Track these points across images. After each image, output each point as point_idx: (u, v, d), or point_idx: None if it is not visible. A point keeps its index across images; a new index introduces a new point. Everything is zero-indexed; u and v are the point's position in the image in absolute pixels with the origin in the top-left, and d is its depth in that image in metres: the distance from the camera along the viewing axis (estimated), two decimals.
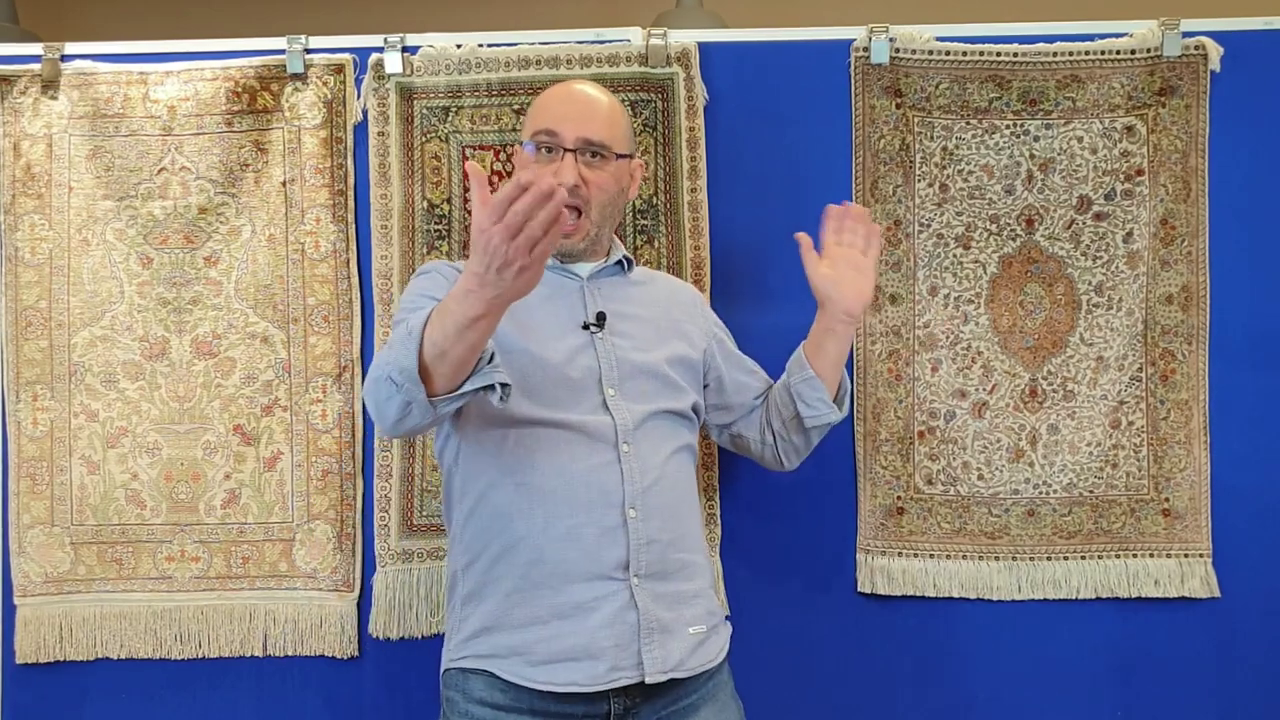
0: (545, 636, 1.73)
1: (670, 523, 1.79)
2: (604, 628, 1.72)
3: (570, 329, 1.84)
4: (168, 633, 2.31)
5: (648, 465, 1.78)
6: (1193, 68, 2.26)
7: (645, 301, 1.95)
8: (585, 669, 1.72)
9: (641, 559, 1.75)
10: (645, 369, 1.85)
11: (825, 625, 2.29)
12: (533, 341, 1.79)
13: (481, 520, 1.80)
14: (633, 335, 1.87)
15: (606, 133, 1.84)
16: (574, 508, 1.74)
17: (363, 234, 2.32)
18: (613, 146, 1.84)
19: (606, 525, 1.74)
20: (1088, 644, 2.30)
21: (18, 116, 2.32)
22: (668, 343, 1.91)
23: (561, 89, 1.90)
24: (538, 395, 1.77)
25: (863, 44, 2.28)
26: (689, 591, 1.80)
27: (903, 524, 2.30)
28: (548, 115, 1.84)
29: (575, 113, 1.83)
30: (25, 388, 2.32)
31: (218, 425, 2.31)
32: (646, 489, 1.77)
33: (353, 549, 2.32)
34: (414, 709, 2.32)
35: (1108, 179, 2.28)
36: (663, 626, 1.75)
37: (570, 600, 1.73)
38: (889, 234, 2.30)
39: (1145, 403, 2.29)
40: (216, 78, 2.31)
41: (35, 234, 2.32)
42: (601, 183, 1.84)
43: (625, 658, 1.72)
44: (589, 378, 1.80)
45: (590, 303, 1.88)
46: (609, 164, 1.84)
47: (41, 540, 2.32)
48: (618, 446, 1.77)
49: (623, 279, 1.96)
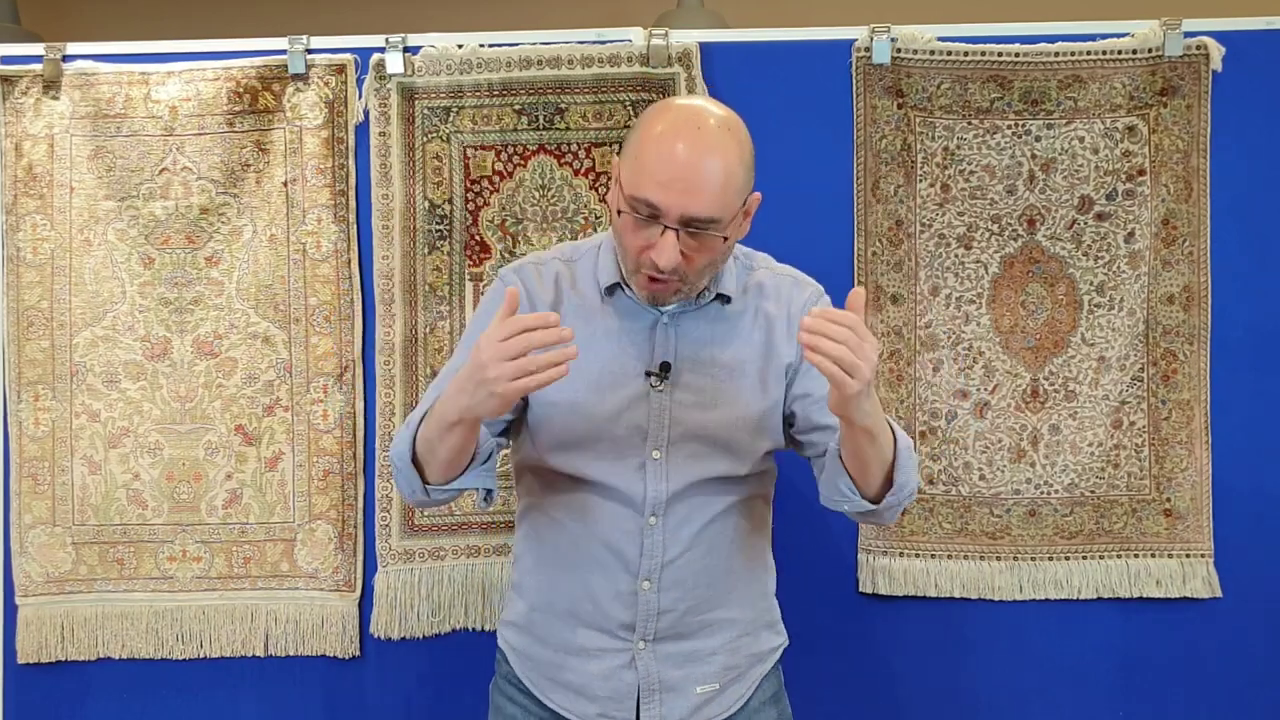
0: (554, 661, 1.75)
1: (696, 590, 1.71)
2: (601, 679, 1.72)
3: (630, 375, 1.67)
4: (169, 633, 2.31)
5: (675, 539, 1.68)
6: (1194, 68, 2.26)
7: (733, 340, 1.70)
8: (580, 705, 1.73)
9: (650, 627, 1.70)
10: (702, 432, 1.68)
11: (827, 625, 2.29)
12: (584, 389, 1.66)
13: (527, 527, 1.80)
14: (702, 389, 1.68)
15: (717, 207, 1.56)
16: (591, 565, 1.71)
17: (364, 234, 2.32)
18: (723, 219, 1.57)
19: (618, 590, 1.70)
20: (1089, 644, 2.30)
21: (19, 117, 2.32)
22: (744, 395, 1.69)
23: (671, 146, 1.56)
24: (577, 448, 1.69)
25: (864, 44, 2.28)
26: (706, 649, 1.73)
27: (904, 524, 2.30)
28: (651, 183, 1.55)
29: (681, 186, 1.54)
30: (27, 388, 2.32)
31: (219, 425, 2.31)
32: (669, 563, 1.68)
33: (354, 549, 2.32)
34: (415, 709, 2.32)
35: (1109, 179, 2.28)
36: (667, 686, 1.72)
37: (576, 642, 1.73)
38: (890, 234, 2.30)
39: (1147, 403, 2.29)
40: (218, 78, 2.31)
41: (37, 234, 2.32)
42: (702, 260, 1.60)
43: (619, 710, 1.72)
44: (635, 436, 1.67)
45: (661, 346, 1.68)
46: (714, 239, 1.59)
47: (43, 540, 2.32)
48: (644, 517, 1.68)
49: (715, 311, 1.71)
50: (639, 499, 1.68)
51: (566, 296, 1.72)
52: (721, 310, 1.71)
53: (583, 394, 1.67)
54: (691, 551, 1.69)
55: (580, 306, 1.71)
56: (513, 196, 2.30)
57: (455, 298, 2.31)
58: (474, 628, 2.30)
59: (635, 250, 1.60)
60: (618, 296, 1.71)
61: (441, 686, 2.31)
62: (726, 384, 1.69)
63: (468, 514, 2.31)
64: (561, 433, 1.69)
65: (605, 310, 1.71)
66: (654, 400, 1.67)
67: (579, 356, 1.54)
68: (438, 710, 2.32)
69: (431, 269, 2.31)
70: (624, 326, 1.69)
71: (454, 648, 2.29)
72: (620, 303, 1.70)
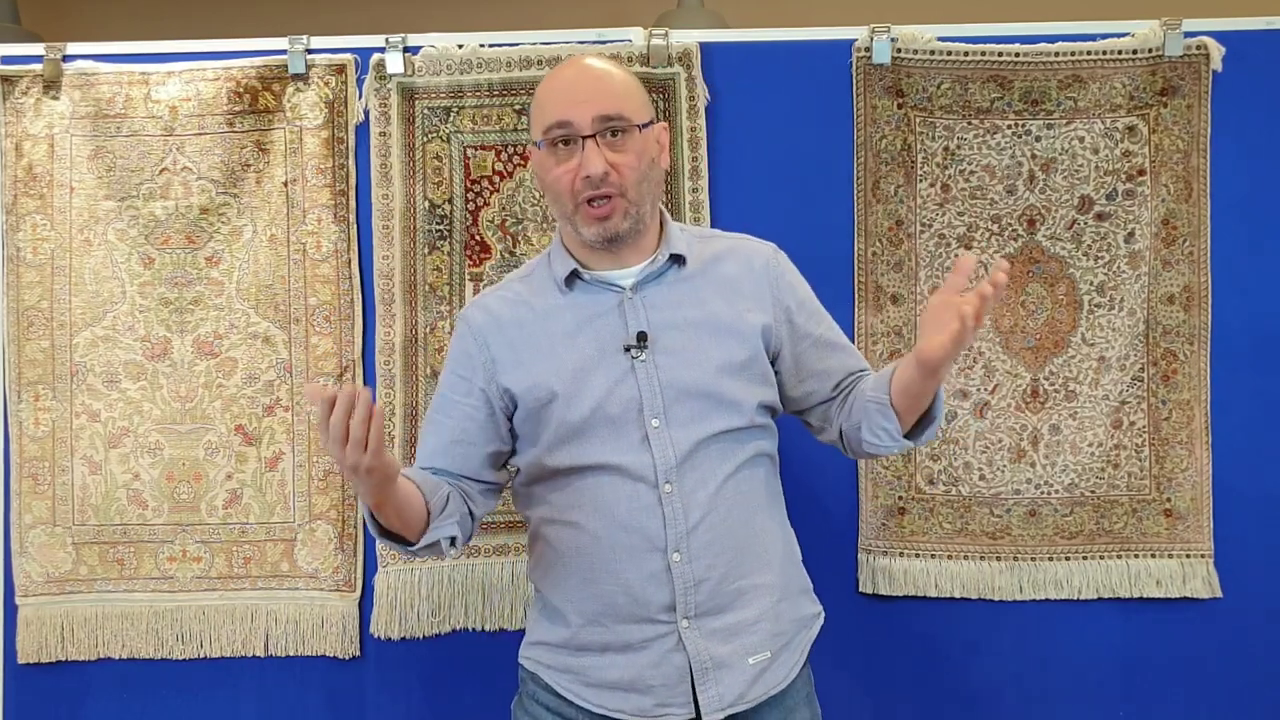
0: (600, 664, 1.73)
1: (724, 555, 1.70)
2: (651, 667, 1.71)
3: (610, 355, 1.71)
4: (169, 633, 2.31)
5: (693, 502, 1.69)
6: (1194, 68, 2.26)
7: (700, 298, 1.76)
8: (633, 701, 1.72)
9: (690, 601, 1.69)
10: (694, 390, 1.71)
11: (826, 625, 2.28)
12: (569, 382, 1.71)
13: (542, 543, 1.80)
14: (680, 349, 1.72)
15: (624, 104, 1.68)
16: (617, 553, 1.70)
17: (364, 234, 2.32)
18: (633, 118, 1.68)
19: (651, 570, 1.69)
20: (1090, 644, 2.30)
21: (20, 117, 2.32)
22: (723, 345, 1.74)
23: (563, 72, 1.73)
24: (576, 438, 1.71)
25: (864, 44, 2.28)
26: (749, 619, 1.72)
27: (904, 524, 2.30)
28: (555, 104, 1.68)
29: (585, 93, 1.67)
30: (27, 388, 2.32)
31: (219, 425, 2.31)
32: (693, 529, 1.69)
33: (354, 549, 2.32)
34: (415, 709, 2.32)
35: (1109, 179, 2.28)
36: (719, 662, 1.70)
37: (620, 639, 1.72)
38: (890, 234, 2.30)
39: (1147, 403, 2.29)
40: (218, 78, 2.31)
41: (37, 234, 2.32)
42: (629, 162, 1.68)
43: (675, 695, 1.70)
44: (630, 410, 1.70)
45: (631, 319, 1.73)
46: (633, 138, 1.68)
47: (43, 540, 2.32)
48: (659, 487, 1.69)
49: (674, 277, 1.77)
50: (649, 470, 1.69)
51: (530, 306, 1.78)
52: (680, 273, 1.77)
53: (569, 386, 1.71)
54: (713, 515, 1.70)
55: (545, 310, 1.77)
56: (513, 196, 2.30)
57: (455, 298, 2.31)
58: (474, 628, 2.30)
59: (566, 183, 1.68)
60: (578, 287, 1.76)
61: (441, 686, 2.31)
62: (704, 339, 1.73)
63: None
64: (558, 428, 1.71)
65: (570, 303, 1.76)
66: (640, 371, 1.71)
67: (557, 354, 1.69)
68: (438, 710, 2.32)
69: (432, 269, 2.31)
70: (591, 312, 1.74)
71: (454, 648, 2.29)
72: (582, 292, 1.76)
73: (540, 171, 1.74)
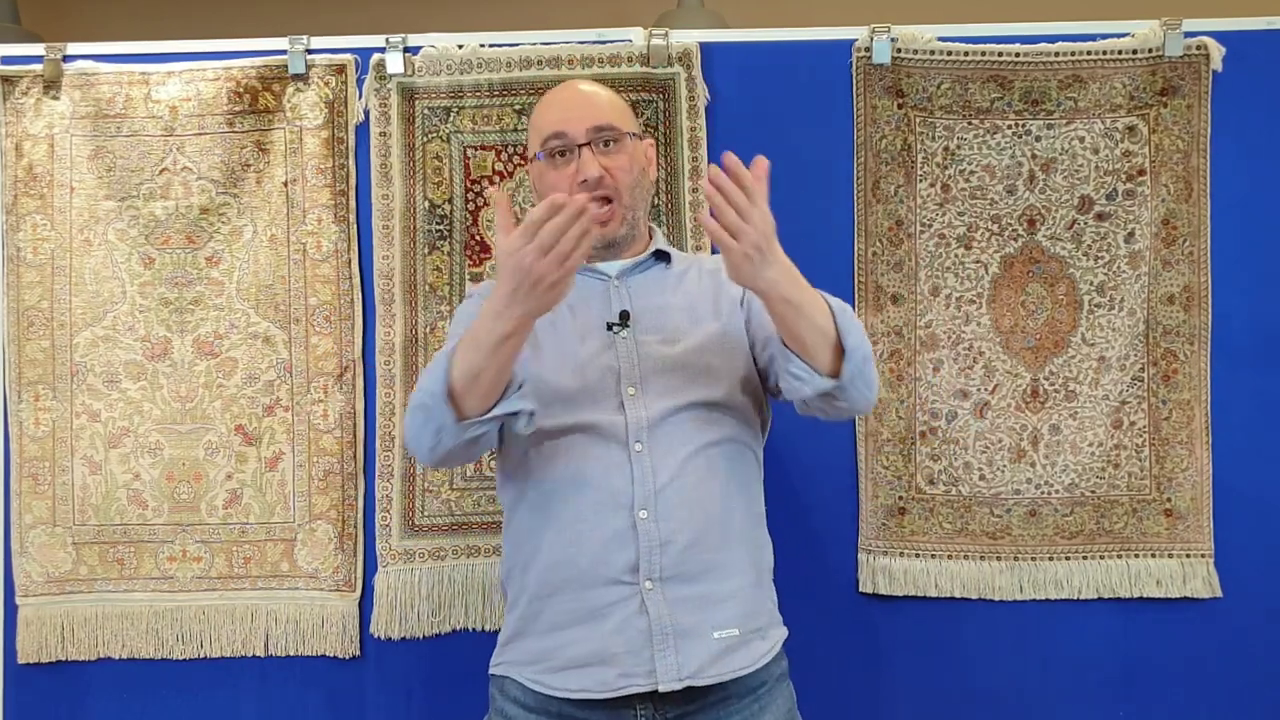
0: (565, 642, 1.72)
1: (693, 522, 1.71)
2: (615, 634, 1.69)
3: (593, 332, 1.80)
4: (169, 633, 2.31)
5: (663, 464, 1.71)
6: (1194, 68, 2.26)
7: (684, 288, 1.87)
8: (596, 675, 1.69)
9: (654, 562, 1.68)
10: (672, 363, 1.77)
11: (826, 625, 2.29)
12: (551, 354, 1.78)
13: (513, 533, 1.81)
14: (662, 328, 1.80)
15: (613, 116, 1.84)
16: (582, 511, 1.71)
17: (364, 234, 2.32)
18: (622, 127, 1.84)
19: (615, 528, 1.69)
20: (1090, 644, 2.30)
21: (20, 117, 2.32)
22: (703, 324, 1.81)
23: (556, 93, 1.91)
24: (554, 405, 1.74)
25: (864, 44, 2.28)
26: (720, 593, 1.71)
27: (904, 524, 2.30)
28: (551, 119, 1.84)
29: (577, 108, 1.84)
30: (27, 388, 2.32)
31: (219, 425, 2.32)
32: (661, 489, 1.70)
33: (354, 549, 2.32)
34: (415, 709, 2.32)
35: (1109, 179, 2.28)
36: (681, 631, 1.68)
37: (585, 606, 1.71)
38: (890, 234, 2.30)
39: (1147, 403, 2.29)
40: (218, 78, 2.31)
41: (37, 234, 2.32)
42: (622, 165, 1.82)
43: (637, 664, 1.68)
44: (607, 377, 1.76)
45: (616, 302, 1.83)
46: (624, 147, 1.83)
47: (43, 540, 2.32)
48: (629, 445, 1.72)
49: (661, 271, 1.89)
50: (621, 430, 1.73)
51: None
52: (665, 269, 1.89)
53: (554, 356, 1.77)
54: (681, 479, 1.72)
55: None
56: (513, 197, 2.30)
57: (455, 298, 2.31)
58: (474, 628, 2.30)
59: (564, 189, 1.76)
60: None
61: (441, 686, 2.31)
62: (685, 322, 1.81)
63: (468, 514, 2.31)
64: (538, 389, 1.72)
65: None
66: (620, 345, 1.79)
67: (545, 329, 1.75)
68: (438, 710, 2.32)
69: (432, 269, 2.31)
70: (581, 299, 1.81)
71: (454, 648, 2.29)
72: None
73: (539, 183, 1.86)
